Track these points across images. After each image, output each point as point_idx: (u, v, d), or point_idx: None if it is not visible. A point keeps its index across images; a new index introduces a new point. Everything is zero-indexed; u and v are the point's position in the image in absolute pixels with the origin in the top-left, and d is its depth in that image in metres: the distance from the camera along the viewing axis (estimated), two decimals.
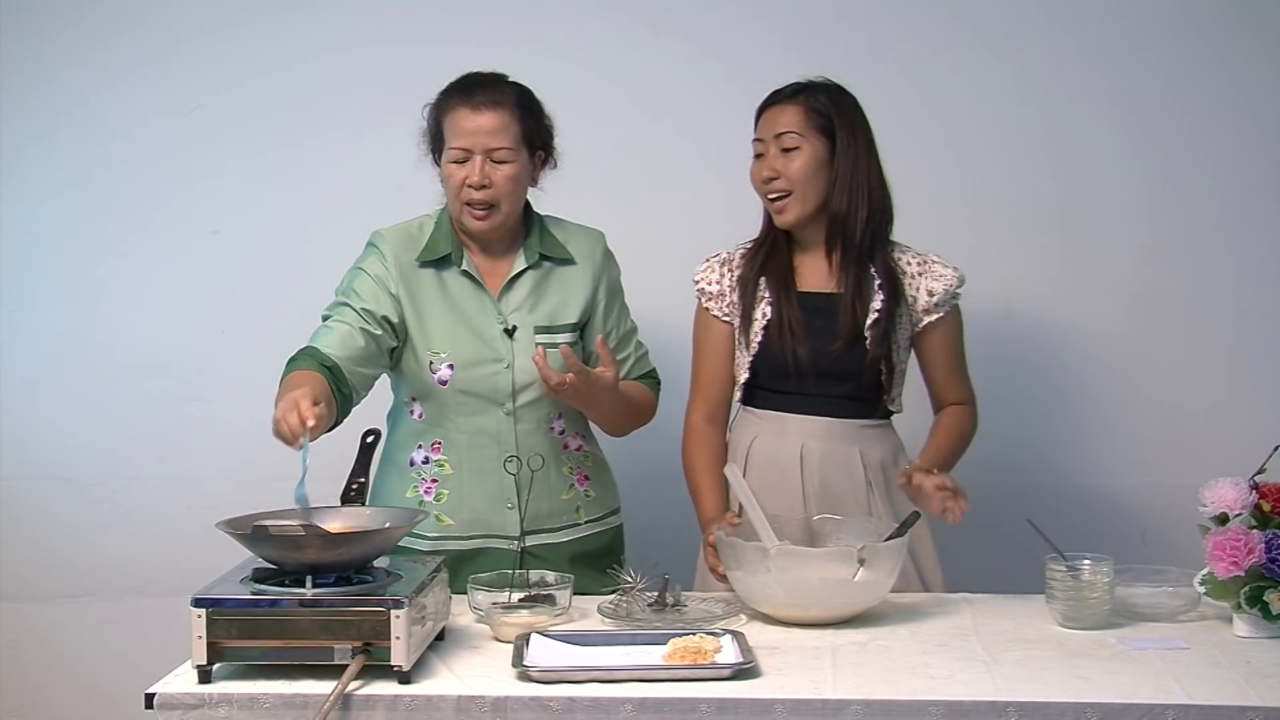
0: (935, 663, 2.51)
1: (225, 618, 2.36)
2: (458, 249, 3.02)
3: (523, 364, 2.98)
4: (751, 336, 3.03)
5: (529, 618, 2.64)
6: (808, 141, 2.97)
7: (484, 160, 2.93)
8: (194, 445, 3.90)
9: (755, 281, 3.05)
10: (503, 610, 2.66)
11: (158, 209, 3.89)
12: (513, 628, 2.61)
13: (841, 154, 2.98)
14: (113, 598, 3.91)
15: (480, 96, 2.95)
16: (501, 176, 2.95)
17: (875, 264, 3.01)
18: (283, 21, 3.84)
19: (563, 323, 3.03)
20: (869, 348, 2.98)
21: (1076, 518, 3.60)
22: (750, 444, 3.07)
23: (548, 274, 3.05)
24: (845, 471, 3.02)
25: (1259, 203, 3.79)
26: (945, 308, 3.03)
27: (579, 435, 3.11)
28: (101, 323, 3.91)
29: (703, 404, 3.09)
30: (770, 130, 3.00)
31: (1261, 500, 2.72)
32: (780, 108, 3.01)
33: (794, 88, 3.02)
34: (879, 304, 2.99)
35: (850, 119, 3.00)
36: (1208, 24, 3.77)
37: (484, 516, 3.02)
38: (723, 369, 3.09)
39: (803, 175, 2.98)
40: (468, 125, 2.93)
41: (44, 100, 3.87)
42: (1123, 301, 3.83)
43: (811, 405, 3.03)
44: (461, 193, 2.95)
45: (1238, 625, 2.68)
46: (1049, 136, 3.80)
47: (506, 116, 2.95)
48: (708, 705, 2.32)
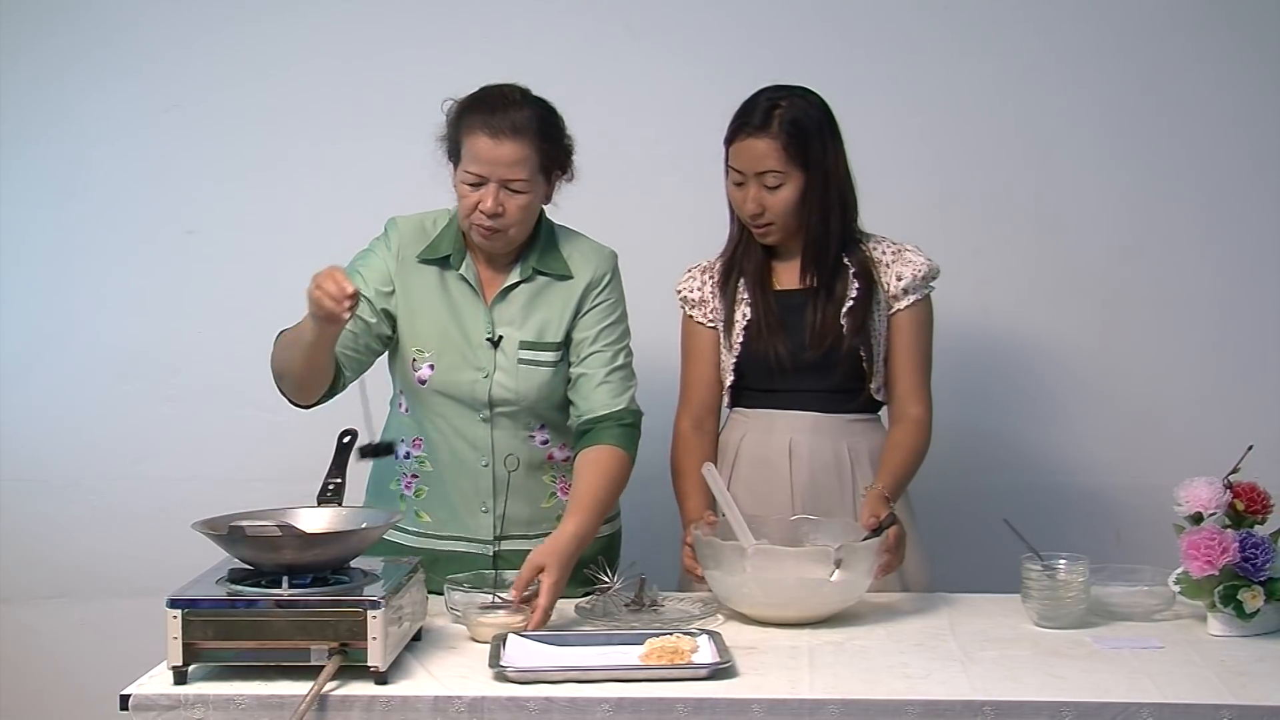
0: (912, 662, 2.52)
1: (201, 618, 2.35)
2: (459, 252, 2.98)
3: (502, 379, 2.95)
4: (734, 338, 3.05)
5: (505, 618, 2.64)
6: (790, 177, 2.96)
7: (499, 188, 2.86)
8: (170, 446, 3.88)
9: (735, 283, 3.06)
10: (479, 611, 2.66)
11: (134, 209, 3.87)
12: (489, 628, 2.61)
13: (818, 177, 2.97)
14: (88, 598, 3.89)
15: (501, 121, 2.85)
16: (515, 206, 2.89)
17: (849, 257, 3.02)
18: (259, 22, 3.83)
19: (548, 340, 2.99)
20: (845, 336, 2.99)
21: (1052, 517, 3.61)
22: (739, 442, 3.09)
23: (542, 289, 3.00)
24: (834, 466, 3.03)
25: (1235, 203, 3.81)
26: (915, 294, 3.03)
27: (565, 446, 3.05)
28: (77, 323, 3.90)
29: (690, 411, 3.10)
30: (750, 166, 2.97)
31: (1235, 500, 2.73)
32: (755, 141, 2.95)
33: (763, 112, 2.95)
34: (854, 292, 3.00)
35: (823, 137, 2.97)
36: (1185, 24, 3.78)
37: (460, 517, 3.00)
38: (710, 375, 3.10)
39: (788, 208, 2.98)
40: (486, 154, 2.85)
41: (18, 100, 3.85)
42: (1098, 301, 3.84)
43: (797, 400, 3.04)
44: (473, 215, 2.89)
45: (1212, 624, 2.69)
46: (1025, 136, 3.81)
47: (527, 148, 2.86)
48: (684, 705, 2.32)
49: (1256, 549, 2.66)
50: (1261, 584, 2.65)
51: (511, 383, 2.94)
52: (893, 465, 2.99)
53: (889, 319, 3.04)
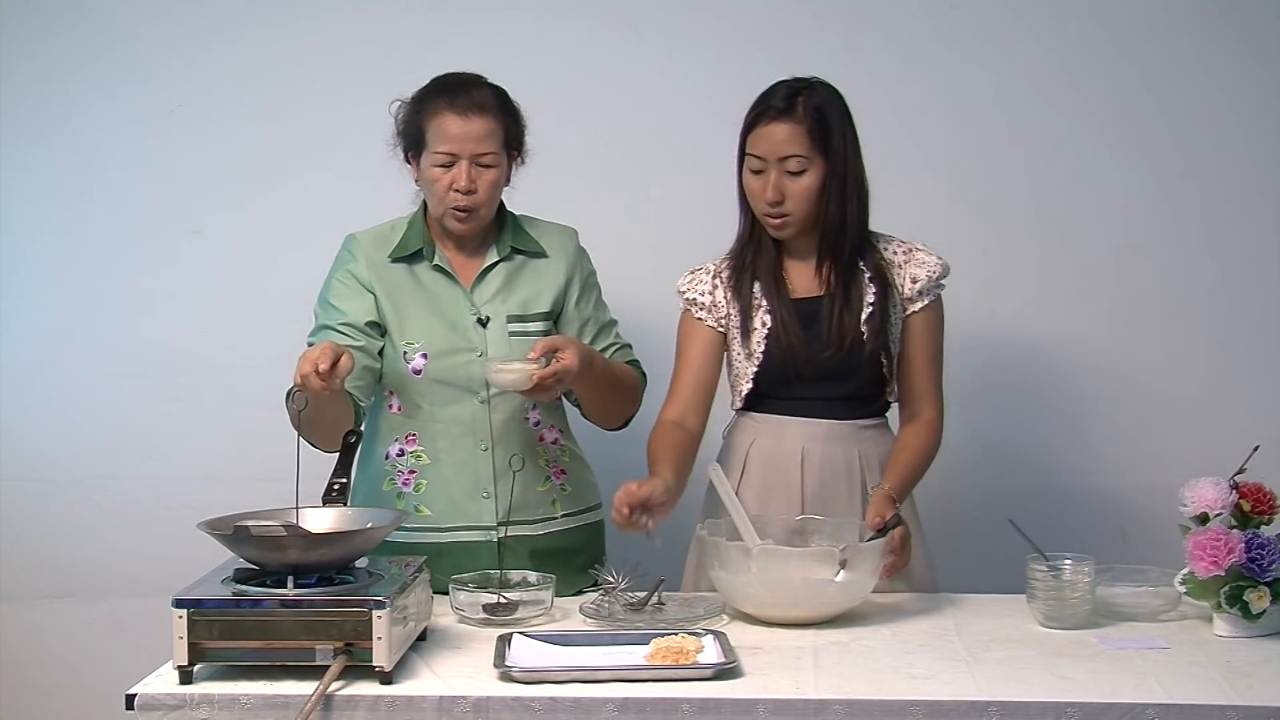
0: (917, 662, 2.52)
1: (206, 618, 2.36)
2: (429, 244, 3.04)
3: (496, 353, 2.99)
4: (753, 347, 3.00)
5: (522, 366, 2.86)
6: (813, 163, 2.92)
7: (470, 165, 2.94)
8: (175, 445, 3.88)
9: (749, 287, 3.00)
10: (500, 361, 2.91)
11: (140, 209, 3.87)
12: (508, 374, 2.85)
13: (839, 166, 2.93)
14: (93, 598, 3.90)
15: (466, 101, 2.95)
16: (486, 182, 2.97)
17: (864, 260, 2.99)
18: (265, 24, 3.83)
19: (535, 312, 3.05)
20: (866, 343, 2.95)
21: (1057, 517, 3.61)
22: (749, 447, 3.04)
23: (520, 266, 3.07)
24: (844, 473, 3.00)
25: (1240, 203, 3.80)
26: (929, 296, 3.01)
27: (556, 429, 3.11)
28: (83, 323, 3.90)
29: (677, 406, 3.02)
30: (772, 151, 2.92)
31: (1242, 500, 2.73)
32: (778, 125, 2.92)
33: (785, 97, 2.93)
34: (871, 297, 2.97)
35: (843, 127, 2.95)
36: (1189, 24, 3.78)
37: (461, 506, 3.01)
38: (705, 376, 3.04)
39: (809, 196, 2.93)
40: (455, 131, 2.94)
41: (26, 102, 3.85)
42: (1104, 302, 3.84)
43: (811, 408, 3.00)
44: (447, 197, 2.96)
45: (1218, 625, 2.69)
46: (1031, 137, 3.81)
47: (493, 122, 2.96)
48: (689, 705, 2.32)
49: (1263, 549, 2.66)
50: (1267, 584, 2.64)
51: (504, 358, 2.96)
52: (901, 466, 2.97)
53: (903, 321, 3.01)
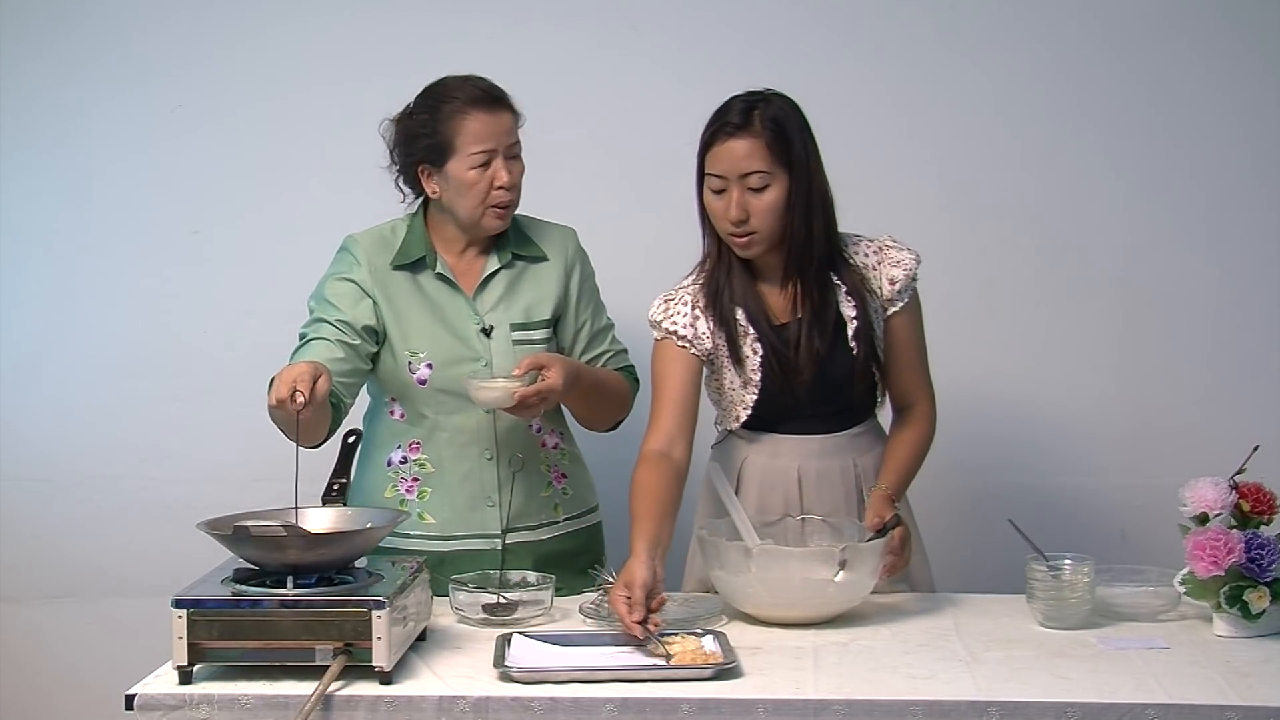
0: (916, 663, 2.52)
1: (206, 618, 2.36)
2: (431, 252, 3.03)
3: (500, 363, 2.98)
4: (748, 375, 2.93)
5: (505, 384, 2.89)
6: (775, 177, 2.83)
7: (505, 160, 2.96)
8: (174, 445, 3.88)
9: (733, 316, 2.92)
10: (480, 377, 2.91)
11: (138, 209, 3.87)
12: (489, 391, 2.83)
13: (802, 178, 2.85)
14: (93, 598, 3.90)
15: (486, 98, 2.96)
16: (518, 173, 3.00)
17: (837, 274, 2.92)
18: (265, 24, 3.83)
19: (537, 319, 3.04)
20: (856, 355, 2.91)
21: (1057, 518, 3.61)
22: (741, 463, 3.00)
23: (521, 272, 3.06)
24: (840, 484, 2.97)
25: (1239, 203, 3.80)
26: (908, 294, 2.97)
27: (556, 433, 3.12)
28: (81, 323, 3.90)
29: (662, 435, 2.89)
30: (732, 169, 2.84)
31: (1241, 500, 2.72)
32: (737, 141, 2.83)
33: (741, 112, 2.84)
34: (852, 311, 2.91)
35: (803, 137, 2.87)
36: (1188, 25, 3.78)
37: (465, 514, 3.01)
38: (691, 402, 2.94)
39: (774, 211, 2.85)
40: (489, 128, 2.94)
41: (25, 102, 3.85)
42: (1103, 302, 3.84)
43: (807, 425, 2.96)
44: (490, 195, 2.95)
45: (1217, 625, 2.69)
46: (1030, 137, 3.81)
47: (512, 113, 2.99)
48: (689, 705, 2.32)
49: (1262, 549, 2.65)
50: (1267, 585, 2.64)
51: (509, 367, 2.96)
52: (896, 464, 2.95)
53: (885, 321, 2.96)
